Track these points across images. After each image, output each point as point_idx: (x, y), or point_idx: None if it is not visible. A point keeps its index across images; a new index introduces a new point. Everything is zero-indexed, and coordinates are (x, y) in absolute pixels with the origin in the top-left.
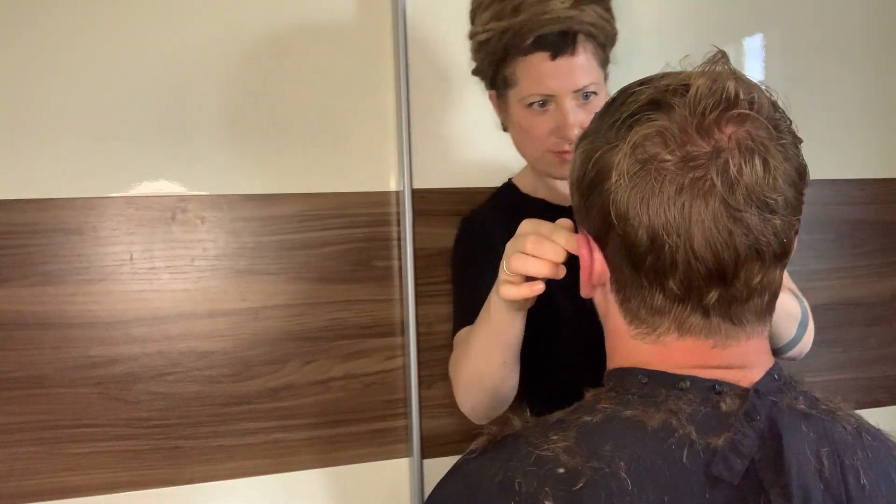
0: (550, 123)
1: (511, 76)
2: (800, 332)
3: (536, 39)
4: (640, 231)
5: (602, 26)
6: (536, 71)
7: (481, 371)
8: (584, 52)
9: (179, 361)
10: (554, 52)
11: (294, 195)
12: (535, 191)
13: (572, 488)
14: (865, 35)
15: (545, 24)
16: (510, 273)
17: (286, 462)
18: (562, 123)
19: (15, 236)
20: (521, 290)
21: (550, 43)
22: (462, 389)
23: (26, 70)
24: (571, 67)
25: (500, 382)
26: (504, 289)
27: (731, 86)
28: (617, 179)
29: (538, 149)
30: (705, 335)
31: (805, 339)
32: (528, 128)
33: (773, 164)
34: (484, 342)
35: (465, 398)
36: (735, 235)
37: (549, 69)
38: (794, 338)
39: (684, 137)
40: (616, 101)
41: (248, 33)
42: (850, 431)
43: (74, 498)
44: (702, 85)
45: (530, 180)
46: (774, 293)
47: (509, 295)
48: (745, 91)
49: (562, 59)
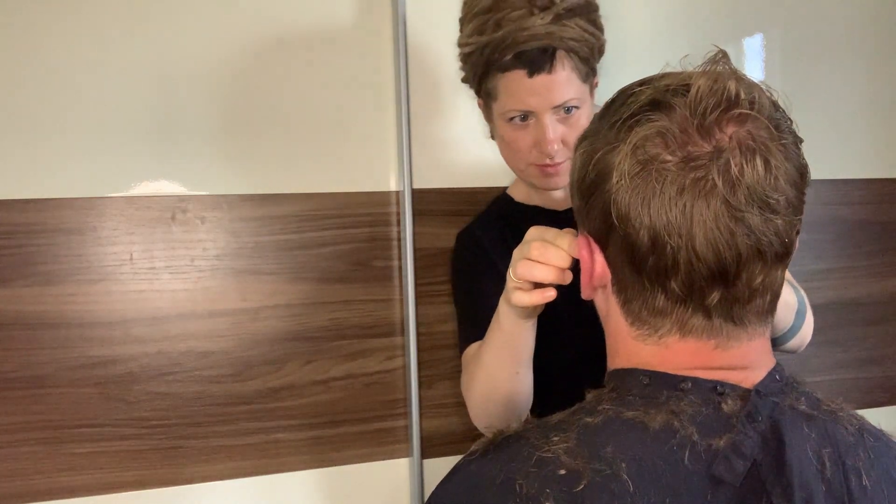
0: (531, 138)
1: (493, 90)
2: (798, 322)
3: (515, 56)
4: (642, 232)
5: (585, 40)
6: (515, 87)
7: (495, 384)
8: (563, 68)
9: (179, 361)
10: (531, 70)
11: (294, 195)
12: (529, 198)
13: (573, 490)
14: (865, 35)
15: (524, 40)
16: (518, 280)
17: (286, 462)
18: (541, 139)
19: (15, 236)
20: (533, 296)
21: (528, 60)
22: (477, 406)
23: (26, 70)
24: (550, 85)
25: (514, 394)
26: (515, 296)
27: (732, 86)
28: (618, 180)
29: (522, 161)
30: (707, 336)
31: (804, 329)
32: (510, 141)
33: (774, 164)
34: (496, 353)
35: (481, 414)
36: (737, 235)
37: (526, 86)
38: (793, 327)
39: (685, 138)
40: (616, 102)
41: (249, 34)
42: (851, 432)
43: (74, 498)
44: (703, 85)
45: (524, 188)
46: (776, 293)
47: (521, 301)
48: (745, 91)
49: (539, 77)
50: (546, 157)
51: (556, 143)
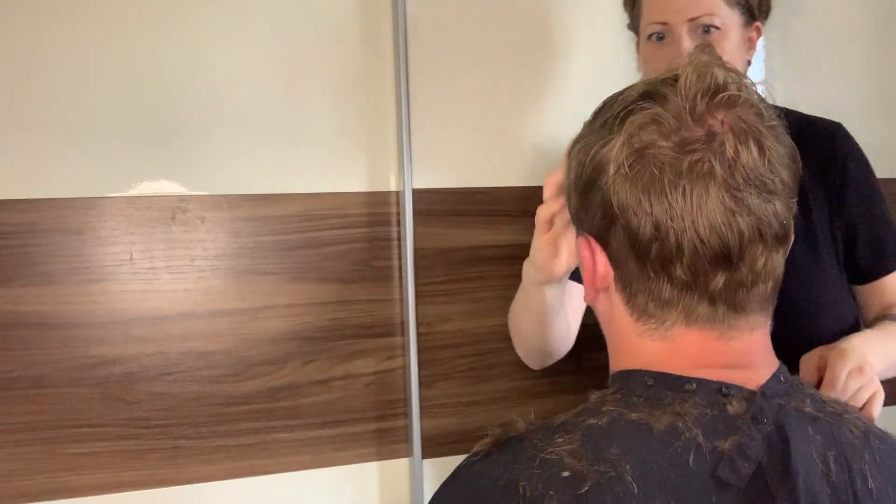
0: (668, 55)
1: (639, 7)
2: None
3: None
4: (644, 220)
5: None
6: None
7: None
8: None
9: (179, 361)
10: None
11: (294, 195)
12: None
13: (577, 492)
14: (865, 35)
15: None
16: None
17: (286, 462)
18: (675, 52)
19: (15, 236)
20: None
21: None
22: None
23: (26, 70)
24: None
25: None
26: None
27: (718, 73)
28: (615, 171)
29: None
30: (711, 326)
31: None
32: (649, 61)
33: (767, 146)
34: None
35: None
36: (738, 216)
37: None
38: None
39: (678, 124)
40: (606, 104)
41: (249, 34)
42: (857, 435)
43: (74, 498)
44: (690, 73)
45: None
46: (777, 280)
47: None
48: (731, 77)
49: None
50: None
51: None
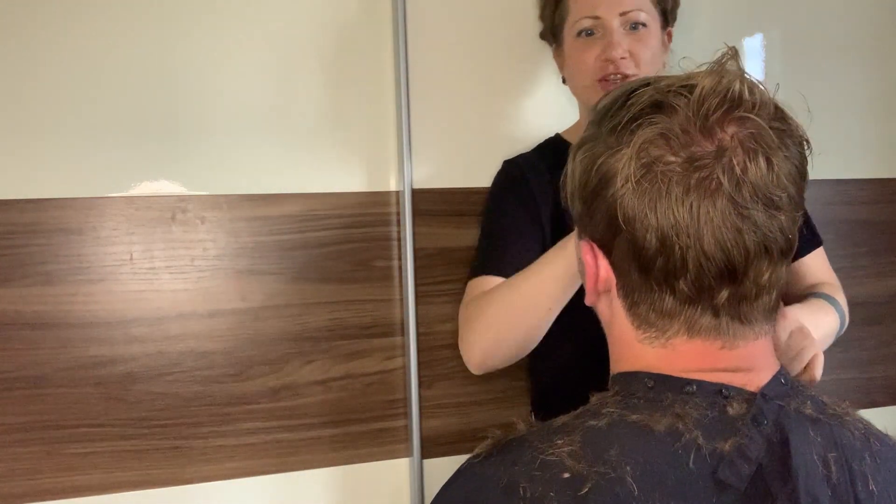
0: (598, 50)
1: (565, 7)
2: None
3: None
4: (649, 234)
5: None
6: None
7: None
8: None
9: (179, 361)
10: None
11: (294, 195)
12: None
13: (578, 493)
14: (866, 35)
15: None
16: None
17: (286, 462)
18: (607, 44)
19: (15, 236)
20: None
21: None
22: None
23: (26, 69)
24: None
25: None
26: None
27: (736, 86)
28: (623, 184)
29: (588, 76)
30: (714, 336)
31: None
32: (578, 58)
33: (775, 162)
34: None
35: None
36: (744, 233)
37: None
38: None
39: (687, 138)
40: (615, 105)
41: (249, 34)
42: (857, 436)
43: (74, 498)
44: (707, 84)
45: (576, 131)
46: (781, 290)
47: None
48: (749, 92)
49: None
50: (609, 66)
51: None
